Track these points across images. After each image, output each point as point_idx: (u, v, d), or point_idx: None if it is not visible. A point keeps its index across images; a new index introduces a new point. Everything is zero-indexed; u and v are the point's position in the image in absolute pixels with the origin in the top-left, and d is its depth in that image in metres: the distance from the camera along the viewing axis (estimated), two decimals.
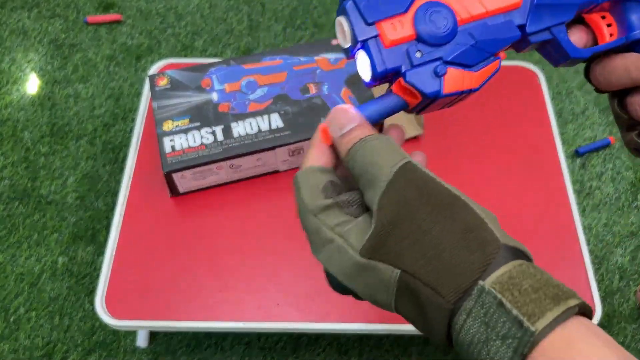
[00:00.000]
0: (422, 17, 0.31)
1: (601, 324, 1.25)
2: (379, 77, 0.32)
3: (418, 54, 0.31)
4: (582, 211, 1.41)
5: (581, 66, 0.41)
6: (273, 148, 0.94)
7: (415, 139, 1.04)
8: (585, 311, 0.30)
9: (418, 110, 0.35)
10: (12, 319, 1.26)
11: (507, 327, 0.28)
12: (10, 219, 1.40)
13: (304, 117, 0.97)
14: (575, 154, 1.50)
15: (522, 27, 0.34)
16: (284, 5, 1.84)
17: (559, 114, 1.57)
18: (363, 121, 0.34)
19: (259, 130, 0.95)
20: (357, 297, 0.36)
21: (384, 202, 0.31)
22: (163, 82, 1.01)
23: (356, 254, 0.32)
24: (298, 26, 1.79)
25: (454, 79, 0.31)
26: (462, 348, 0.30)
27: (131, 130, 1.54)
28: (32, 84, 1.65)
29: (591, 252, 1.35)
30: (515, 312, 0.28)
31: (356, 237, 0.32)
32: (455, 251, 0.31)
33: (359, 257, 0.32)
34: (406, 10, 0.31)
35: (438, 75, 0.31)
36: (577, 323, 0.29)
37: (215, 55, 1.71)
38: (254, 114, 0.97)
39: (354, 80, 1.01)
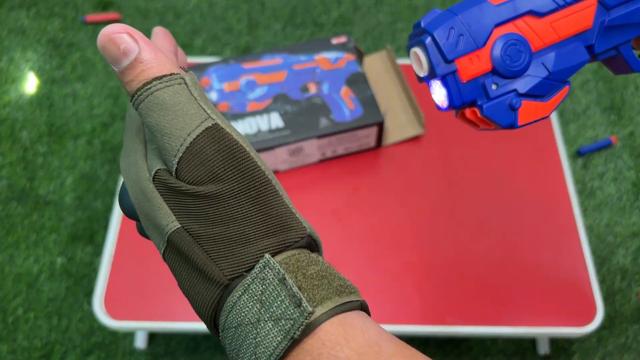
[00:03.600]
0: (499, 51, 0.32)
1: (602, 325, 1.25)
2: (455, 108, 0.33)
3: (494, 87, 0.32)
4: (584, 211, 1.40)
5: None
6: (272, 148, 0.94)
7: (416, 138, 1.03)
8: (364, 310, 0.28)
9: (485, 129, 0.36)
10: (10, 320, 1.26)
11: (283, 307, 0.25)
12: (8, 219, 1.39)
13: (303, 116, 0.96)
14: (577, 154, 1.50)
15: (590, 47, 0.35)
16: (284, 4, 1.83)
17: (560, 114, 1.57)
18: (147, 48, 0.27)
19: (259, 130, 0.94)
20: (141, 229, 0.32)
21: (183, 170, 0.27)
22: None
23: (147, 179, 0.28)
24: (298, 25, 1.78)
25: (528, 111, 0.33)
26: (228, 333, 0.27)
27: None
28: (30, 84, 1.64)
29: (593, 252, 1.34)
30: (295, 289, 0.25)
31: (154, 160, 0.28)
32: (252, 230, 0.27)
33: (148, 184, 0.28)
34: (484, 45, 0.32)
35: (514, 108, 0.33)
36: (356, 314, 0.27)
37: (214, 54, 1.70)
38: (253, 114, 0.96)
39: (354, 79, 1.00)
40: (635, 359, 1.22)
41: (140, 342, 1.21)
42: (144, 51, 0.27)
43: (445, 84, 0.32)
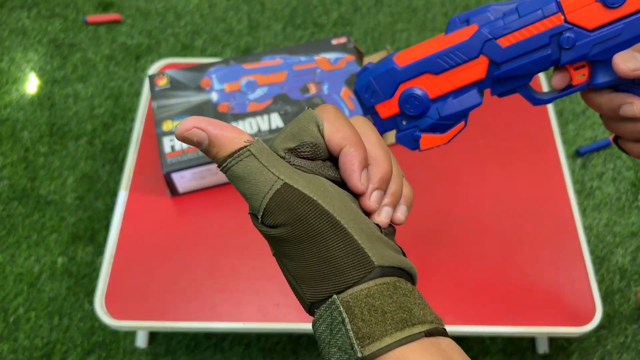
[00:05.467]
0: (403, 101, 0.43)
1: (601, 324, 1.25)
2: (382, 134, 0.44)
3: (404, 122, 0.45)
4: (583, 211, 1.40)
5: None
6: None
7: None
8: (439, 333, 0.32)
9: None
10: (11, 319, 1.26)
11: (342, 341, 0.31)
12: (10, 219, 1.39)
13: None
14: (576, 154, 1.50)
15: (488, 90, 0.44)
16: (284, 5, 1.84)
17: (559, 114, 1.57)
18: (213, 132, 0.33)
19: (259, 130, 0.95)
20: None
21: (268, 222, 0.33)
22: (163, 82, 1.00)
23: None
24: (298, 26, 1.79)
25: (427, 140, 0.45)
26: (316, 335, 0.34)
27: (130, 130, 1.54)
28: (31, 84, 1.65)
29: (592, 252, 1.34)
30: (351, 333, 0.31)
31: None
32: (325, 270, 0.33)
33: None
34: (392, 96, 0.43)
35: (415, 139, 0.45)
36: (416, 347, 0.31)
37: (214, 55, 1.71)
38: (253, 114, 0.97)
39: (353, 80, 1.00)
40: (635, 358, 1.22)
41: (141, 342, 1.21)
42: (212, 136, 0.33)
43: (372, 118, 0.45)
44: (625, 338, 1.24)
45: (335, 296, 0.32)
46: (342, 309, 0.31)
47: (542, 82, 1.16)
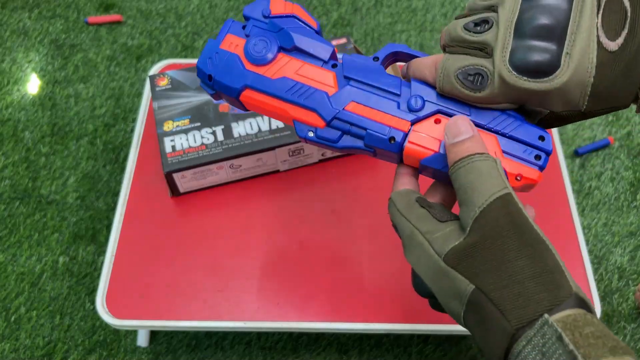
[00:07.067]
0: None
1: None
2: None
3: None
4: (582, 211, 1.41)
5: None
6: (273, 148, 0.95)
7: None
8: None
9: None
10: (12, 319, 1.27)
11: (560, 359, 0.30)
12: (11, 218, 1.40)
13: None
14: (575, 154, 1.50)
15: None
16: None
17: None
18: (477, 135, 0.38)
19: (259, 130, 0.95)
20: (434, 304, 0.40)
21: (476, 225, 0.35)
22: (163, 83, 1.01)
23: (439, 260, 0.36)
24: None
25: None
26: None
27: (132, 131, 1.54)
28: (32, 84, 1.65)
29: (590, 251, 1.35)
30: (571, 346, 0.30)
31: (441, 244, 0.36)
32: (530, 286, 0.33)
33: (441, 263, 0.36)
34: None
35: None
36: None
37: None
38: (254, 114, 0.97)
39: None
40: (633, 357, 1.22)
41: (142, 340, 1.22)
42: (475, 136, 0.38)
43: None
44: (623, 337, 1.24)
45: (546, 316, 0.32)
46: (557, 326, 0.31)
47: None
